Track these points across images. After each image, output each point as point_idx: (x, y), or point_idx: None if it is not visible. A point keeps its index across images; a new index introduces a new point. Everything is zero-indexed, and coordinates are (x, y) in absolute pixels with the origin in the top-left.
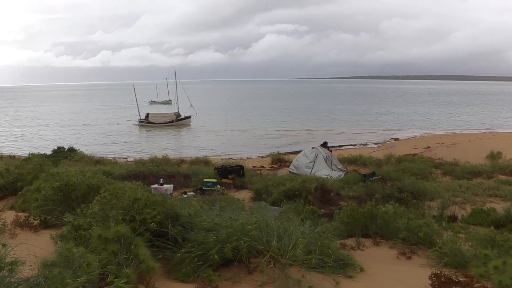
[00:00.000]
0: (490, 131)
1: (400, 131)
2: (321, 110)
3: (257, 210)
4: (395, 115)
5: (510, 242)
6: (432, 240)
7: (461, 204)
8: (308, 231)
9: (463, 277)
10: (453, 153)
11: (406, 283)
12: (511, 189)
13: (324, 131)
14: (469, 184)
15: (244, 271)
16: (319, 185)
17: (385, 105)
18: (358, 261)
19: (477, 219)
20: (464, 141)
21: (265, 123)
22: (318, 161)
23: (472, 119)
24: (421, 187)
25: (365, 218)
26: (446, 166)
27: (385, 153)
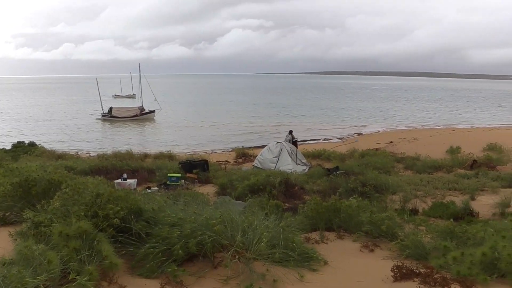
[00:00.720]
0: (450, 126)
1: (363, 126)
2: (284, 105)
3: (222, 205)
4: (357, 111)
5: (468, 234)
6: (394, 233)
7: (422, 198)
8: (272, 225)
9: (424, 268)
10: (414, 147)
11: (369, 275)
12: (470, 183)
13: (288, 126)
14: (430, 178)
15: (209, 266)
16: (283, 180)
17: (348, 100)
18: (322, 255)
19: (437, 212)
20: (425, 136)
21: (230, 117)
22: (283, 156)
23: (433, 115)
24: (383, 181)
25: (328, 212)
26: (408, 161)
27: (348, 148)
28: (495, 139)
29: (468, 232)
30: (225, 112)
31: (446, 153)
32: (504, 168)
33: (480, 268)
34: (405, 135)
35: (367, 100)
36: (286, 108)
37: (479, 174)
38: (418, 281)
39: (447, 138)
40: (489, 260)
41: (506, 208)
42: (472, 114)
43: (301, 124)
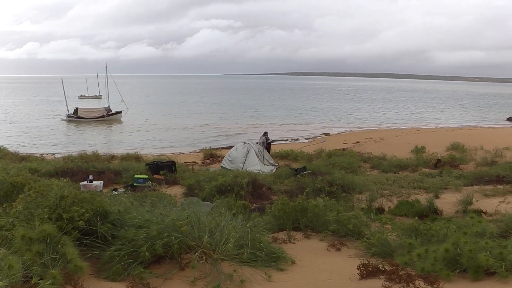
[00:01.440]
0: (415, 126)
1: (330, 127)
2: (251, 106)
3: (189, 206)
4: (324, 111)
5: (432, 231)
6: (360, 232)
7: (388, 196)
8: (239, 225)
9: (389, 266)
10: (381, 147)
11: (336, 274)
12: (434, 181)
13: (255, 126)
14: (395, 177)
15: (176, 267)
16: (251, 180)
17: (315, 101)
18: (289, 254)
19: (403, 210)
20: (391, 136)
21: (197, 118)
22: (250, 156)
23: (397, 115)
24: (350, 180)
25: (296, 212)
26: (374, 160)
27: (316, 148)
28: (458, 139)
29: (432, 229)
30: (192, 113)
31: (411, 153)
32: (466, 166)
33: (443, 264)
34: (372, 135)
35: (333, 101)
36: (253, 108)
37: (443, 173)
38: (384, 278)
39: (413, 138)
40: (451, 256)
41: (468, 205)
42: (436, 115)
43: (268, 124)
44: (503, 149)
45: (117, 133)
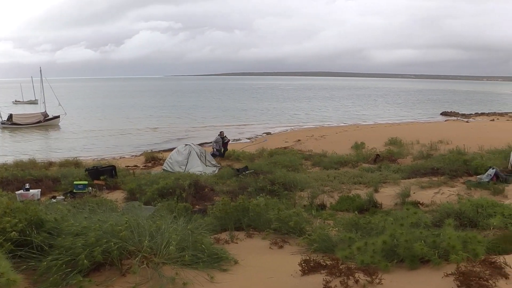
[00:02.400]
0: (355, 123)
1: (272, 126)
2: (191, 107)
3: (130, 210)
4: (264, 111)
5: (371, 224)
6: (302, 229)
7: (330, 193)
8: (181, 228)
9: (330, 260)
10: (321, 145)
11: (279, 271)
12: (373, 176)
13: (197, 128)
14: (336, 173)
15: (117, 274)
16: (193, 182)
17: (255, 101)
18: (232, 254)
19: (344, 206)
20: (332, 133)
21: (137, 121)
22: (192, 158)
23: (337, 112)
24: (292, 178)
25: (237, 212)
26: (316, 158)
27: (257, 147)
28: (396, 134)
29: (371, 222)
30: (132, 116)
31: (351, 149)
32: (404, 160)
33: (382, 255)
34: (312, 133)
35: (273, 101)
36: (192, 110)
37: (381, 167)
38: (325, 273)
39: (352, 134)
40: (389, 247)
41: (406, 198)
42: (374, 111)
43: (209, 126)
44: (438, 142)
45: (55, 139)
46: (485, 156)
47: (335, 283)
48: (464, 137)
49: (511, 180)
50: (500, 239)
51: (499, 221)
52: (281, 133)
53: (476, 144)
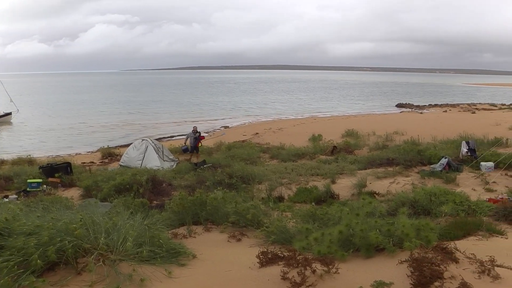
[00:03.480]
0: (312, 115)
1: (230, 119)
2: (147, 102)
3: (86, 208)
4: (221, 104)
5: (328, 215)
6: (260, 221)
7: (287, 185)
8: (138, 224)
9: (288, 252)
10: (279, 137)
11: (237, 264)
12: (330, 167)
13: (152, 123)
14: (294, 165)
15: (72, 273)
16: (150, 177)
17: (211, 95)
18: (190, 249)
19: (301, 197)
20: (289, 126)
21: (94, 117)
22: (149, 153)
23: (293, 105)
24: (250, 171)
25: (195, 206)
26: (273, 150)
27: (215, 141)
28: (353, 126)
29: (328, 213)
30: (88, 111)
31: (309, 141)
32: (360, 151)
33: (338, 245)
34: (270, 126)
35: (230, 94)
36: (146, 105)
37: (338, 159)
38: (283, 264)
39: (310, 127)
40: (345, 237)
41: (362, 188)
42: (331, 104)
43: (165, 121)
44: (393, 133)
45: (7, 136)
46: (438, 146)
47: (292, 274)
48: (418, 128)
49: (462, 168)
50: (452, 226)
51: (451, 209)
52: (239, 126)
53: (430, 134)
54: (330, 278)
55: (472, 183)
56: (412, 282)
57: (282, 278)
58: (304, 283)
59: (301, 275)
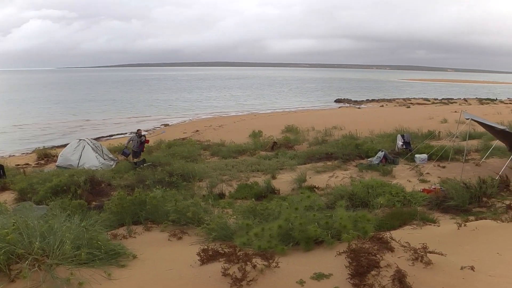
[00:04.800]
0: (252, 112)
1: (169, 117)
2: (80, 101)
3: (20, 212)
4: (158, 102)
5: (268, 210)
6: (200, 218)
7: (228, 181)
8: (75, 226)
9: (228, 248)
10: (220, 134)
11: (178, 263)
12: (271, 163)
13: (90, 121)
14: (235, 162)
15: (5, 280)
16: (88, 178)
17: (150, 92)
18: (130, 249)
19: (242, 193)
20: (230, 122)
21: (28, 117)
22: (86, 153)
23: (229, 102)
24: (190, 169)
25: (134, 205)
26: (214, 147)
27: (155, 140)
28: (292, 122)
29: (268, 208)
30: (22, 112)
31: (249, 138)
32: (300, 147)
33: (278, 239)
34: (211, 123)
35: (168, 91)
36: (80, 104)
37: (278, 154)
38: (223, 260)
39: (250, 123)
40: (285, 231)
41: (302, 182)
42: (271, 99)
43: (106, 118)
44: (332, 128)
45: None
46: (375, 140)
47: (233, 270)
48: (356, 123)
49: (398, 161)
50: (388, 216)
51: (387, 200)
52: (179, 124)
53: (367, 129)
54: (270, 272)
55: (407, 175)
56: (350, 272)
57: (223, 274)
58: (245, 278)
59: (242, 271)
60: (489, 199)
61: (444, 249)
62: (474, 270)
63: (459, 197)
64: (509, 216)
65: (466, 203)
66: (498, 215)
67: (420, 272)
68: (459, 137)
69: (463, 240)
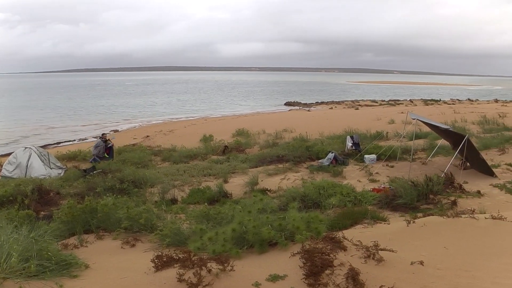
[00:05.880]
0: (203, 116)
1: (119, 123)
2: (29, 107)
3: None
4: (110, 107)
5: (221, 214)
6: (153, 225)
7: (180, 186)
8: (23, 237)
9: (183, 253)
10: (170, 139)
11: (132, 270)
12: (222, 167)
13: (36, 129)
14: (186, 167)
15: None
16: (36, 187)
17: (99, 98)
18: (82, 259)
19: (195, 198)
20: (180, 127)
21: None
22: (33, 161)
23: (184, 106)
24: (141, 175)
25: (85, 214)
26: (165, 153)
27: None
28: (243, 125)
29: (221, 212)
30: None
31: (200, 142)
32: (251, 150)
33: (233, 243)
34: (161, 128)
35: (120, 97)
36: (19, 111)
37: (230, 158)
38: (178, 266)
39: (201, 127)
40: (239, 234)
41: (254, 185)
42: (222, 103)
43: (52, 126)
44: (282, 131)
45: None
46: (325, 142)
47: (188, 275)
48: (306, 125)
49: (348, 162)
50: (340, 216)
51: (339, 200)
52: (129, 130)
53: (317, 131)
54: (226, 276)
55: (357, 175)
56: (305, 272)
57: (178, 280)
58: (200, 283)
59: (197, 276)
60: (435, 196)
61: (394, 246)
62: (423, 264)
63: (408, 195)
64: (454, 212)
65: (414, 201)
66: (444, 211)
67: (373, 269)
68: (406, 137)
69: (412, 236)
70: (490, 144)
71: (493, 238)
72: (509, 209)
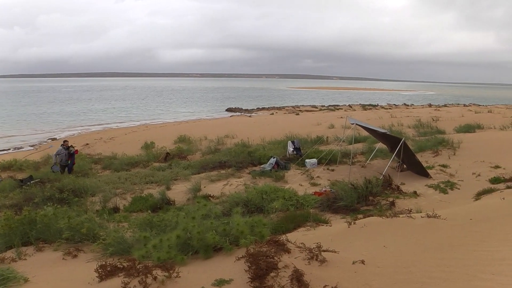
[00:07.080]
0: (144, 123)
1: (57, 131)
2: None
3: None
4: (44, 115)
5: (165, 221)
6: (96, 234)
7: (122, 195)
8: None
9: (127, 262)
10: (111, 147)
11: (75, 281)
12: (164, 174)
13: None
14: (128, 174)
15: None
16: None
17: (33, 105)
18: (21, 272)
19: (137, 206)
20: (121, 134)
21: None
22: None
23: (123, 113)
24: (81, 184)
25: (23, 225)
26: (105, 160)
27: (42, 155)
28: (184, 132)
29: (165, 219)
30: None
31: (142, 149)
32: (193, 156)
33: (177, 249)
34: (101, 136)
35: (51, 104)
36: None
37: (172, 165)
38: (123, 275)
39: (142, 134)
40: (183, 241)
41: (197, 192)
42: (162, 110)
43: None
44: (224, 137)
45: None
46: (267, 147)
47: (134, 283)
48: (248, 131)
49: (289, 166)
50: (283, 220)
51: (281, 204)
52: (68, 137)
53: (259, 136)
54: (172, 283)
55: (299, 179)
56: (250, 275)
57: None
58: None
59: (143, 284)
60: (374, 198)
61: (336, 247)
62: (364, 263)
63: (348, 198)
64: (393, 212)
65: (354, 203)
66: (383, 211)
67: (316, 270)
68: (346, 141)
69: (353, 237)
70: (425, 146)
71: (429, 235)
72: (443, 207)
